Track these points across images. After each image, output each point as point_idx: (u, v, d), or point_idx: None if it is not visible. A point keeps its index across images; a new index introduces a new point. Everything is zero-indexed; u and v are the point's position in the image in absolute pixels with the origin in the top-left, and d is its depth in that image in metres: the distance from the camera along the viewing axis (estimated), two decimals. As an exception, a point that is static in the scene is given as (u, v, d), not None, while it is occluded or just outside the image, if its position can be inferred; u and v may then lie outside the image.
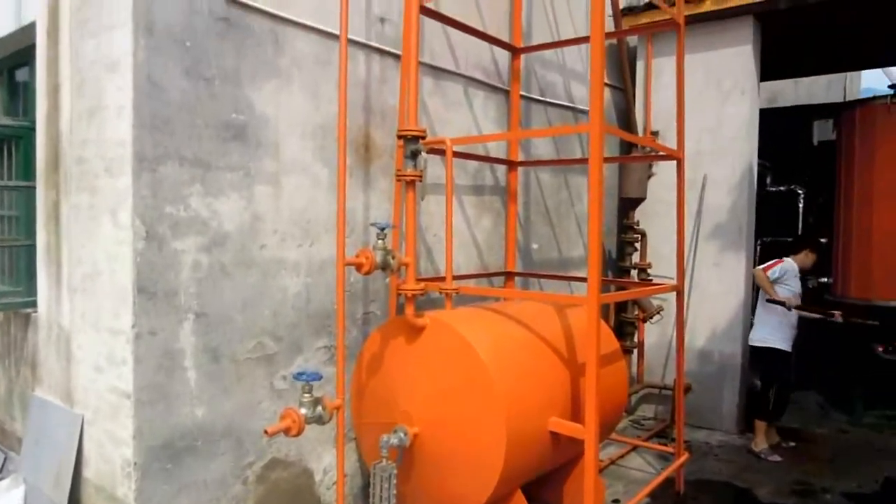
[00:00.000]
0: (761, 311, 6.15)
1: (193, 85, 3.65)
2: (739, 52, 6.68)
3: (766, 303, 6.02)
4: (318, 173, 4.31)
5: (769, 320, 6.07)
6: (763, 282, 5.96)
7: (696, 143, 6.71)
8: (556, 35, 6.49)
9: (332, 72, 4.27)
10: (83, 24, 3.80)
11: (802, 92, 12.91)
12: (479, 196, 5.64)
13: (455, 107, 5.34)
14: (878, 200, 6.99)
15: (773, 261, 6.15)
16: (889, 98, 7.01)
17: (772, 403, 6.10)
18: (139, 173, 3.45)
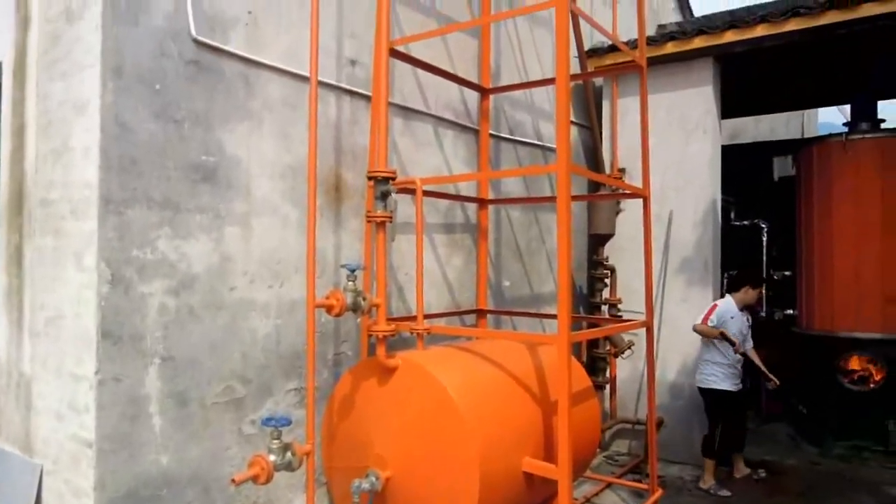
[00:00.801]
0: (703, 351, 6.18)
1: (163, 127, 3.64)
2: (701, 93, 6.90)
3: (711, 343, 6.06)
4: (289, 214, 4.30)
5: (711, 360, 6.09)
6: (707, 333, 6.01)
7: (661, 179, 6.87)
8: (524, 75, 6.64)
9: (302, 113, 4.30)
10: (51, 65, 3.79)
11: (763, 128, 13.35)
12: (450, 234, 5.67)
13: (425, 146, 5.40)
14: (838, 234, 7.20)
15: (709, 307, 6.17)
16: (844, 136, 7.29)
17: (717, 443, 6.12)
18: (105, 216, 3.41)
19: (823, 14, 6.07)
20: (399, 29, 5.10)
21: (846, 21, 6.00)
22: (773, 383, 6.12)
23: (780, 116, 13.30)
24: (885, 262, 6.92)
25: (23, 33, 4.03)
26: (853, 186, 7.08)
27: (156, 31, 3.61)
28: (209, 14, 3.87)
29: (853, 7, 5.91)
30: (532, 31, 6.79)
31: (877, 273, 6.95)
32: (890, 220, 6.89)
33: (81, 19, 3.52)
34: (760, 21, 6.35)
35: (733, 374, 6.06)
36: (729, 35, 6.53)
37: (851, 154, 7.12)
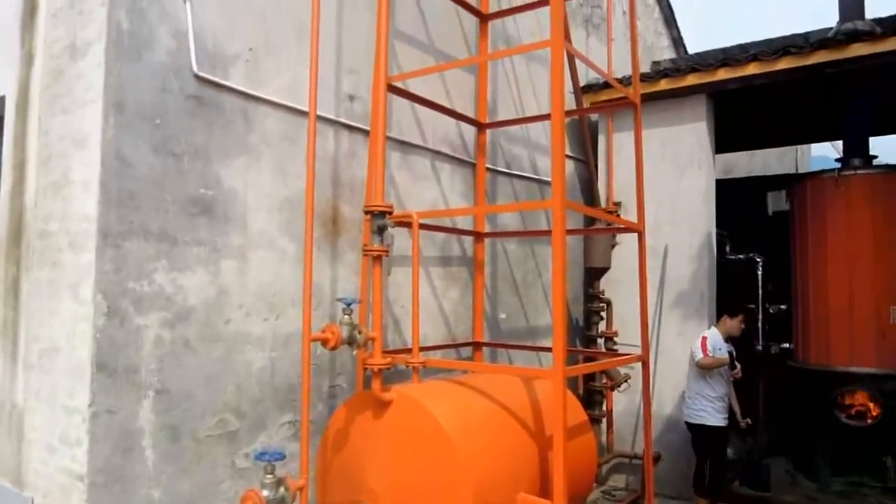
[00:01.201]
0: (692, 384, 6.12)
1: (162, 161, 3.69)
2: (694, 129, 7.00)
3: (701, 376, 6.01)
4: (286, 247, 4.33)
5: (701, 394, 6.02)
6: (717, 363, 5.96)
7: (656, 213, 6.92)
8: (520, 110, 6.74)
9: (301, 147, 4.36)
10: (53, 100, 3.85)
11: (757, 162, 13.49)
12: (446, 267, 5.70)
13: (422, 180, 5.46)
14: (831, 269, 7.23)
15: (701, 339, 6.10)
16: (836, 171, 7.36)
17: (707, 479, 6.07)
18: (103, 249, 3.43)
19: (813, 53, 6.19)
20: (397, 65, 5.20)
21: (835, 60, 6.13)
22: (745, 423, 6.11)
23: (773, 151, 13.46)
24: (878, 297, 6.93)
25: (26, 69, 4.10)
26: (846, 221, 7.13)
27: (158, 67, 3.68)
28: (211, 51, 3.95)
29: (842, 47, 6.04)
30: (528, 67, 6.91)
31: (871, 308, 6.96)
32: (882, 254, 6.92)
33: (85, 56, 3.59)
34: (752, 59, 6.47)
35: (722, 409, 6.02)
36: (721, 73, 6.65)
37: (844, 189, 7.18)
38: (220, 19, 4.00)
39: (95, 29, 3.53)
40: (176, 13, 3.76)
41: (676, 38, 10.86)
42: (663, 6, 10.40)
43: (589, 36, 8.04)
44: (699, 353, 6.01)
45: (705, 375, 5.97)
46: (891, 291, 6.90)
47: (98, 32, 3.52)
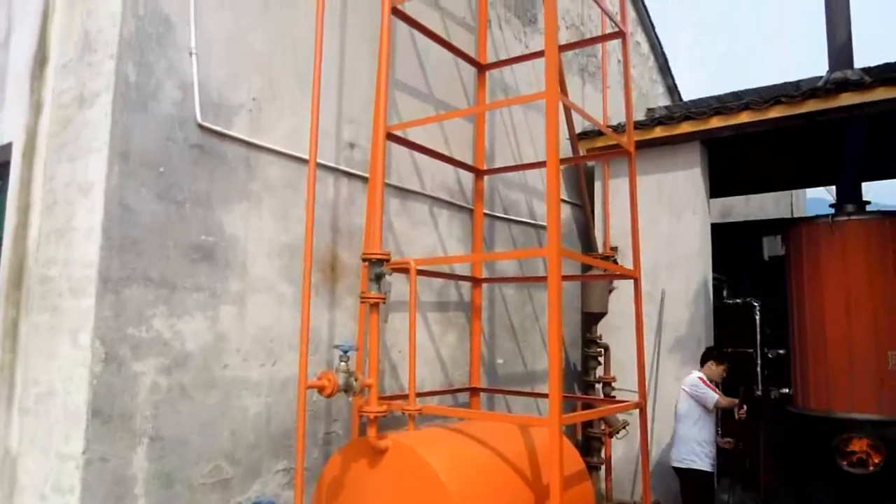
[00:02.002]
0: (680, 428, 6.00)
1: (165, 208, 3.76)
2: (689, 175, 7.11)
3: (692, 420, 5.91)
4: (284, 292, 4.37)
5: (688, 438, 5.91)
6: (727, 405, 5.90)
7: (653, 258, 6.98)
8: (517, 156, 6.85)
9: (301, 194, 4.43)
10: (59, 148, 3.93)
11: (753, 206, 13.62)
12: (443, 312, 5.72)
13: (420, 225, 5.52)
14: (829, 314, 7.24)
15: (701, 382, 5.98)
16: (830, 217, 7.44)
17: None
18: (103, 294, 3.47)
19: (804, 102, 6.34)
20: (397, 113, 5.32)
21: (826, 109, 6.27)
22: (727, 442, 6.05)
23: (769, 194, 13.59)
24: (877, 343, 6.92)
25: (35, 117, 4.20)
26: (842, 267, 7.17)
27: (163, 117, 3.78)
28: (215, 101, 4.06)
29: (832, 96, 6.18)
30: (526, 115, 7.05)
31: (869, 353, 6.94)
32: (879, 300, 6.95)
33: (93, 106, 3.68)
34: (744, 108, 6.62)
35: (710, 454, 5.94)
36: (715, 121, 6.79)
37: (838, 235, 7.24)
38: (225, 71, 4.12)
39: (104, 81, 3.63)
40: (182, 66, 3.88)
41: (671, 85, 11.10)
42: (658, 55, 10.66)
43: (585, 84, 8.22)
44: (709, 395, 5.88)
45: (696, 420, 5.88)
46: (889, 337, 6.89)
47: (106, 84, 3.62)
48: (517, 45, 6.96)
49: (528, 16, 7.23)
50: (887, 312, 6.94)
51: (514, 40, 6.93)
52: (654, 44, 10.51)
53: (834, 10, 7.49)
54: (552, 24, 4.09)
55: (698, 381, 6.00)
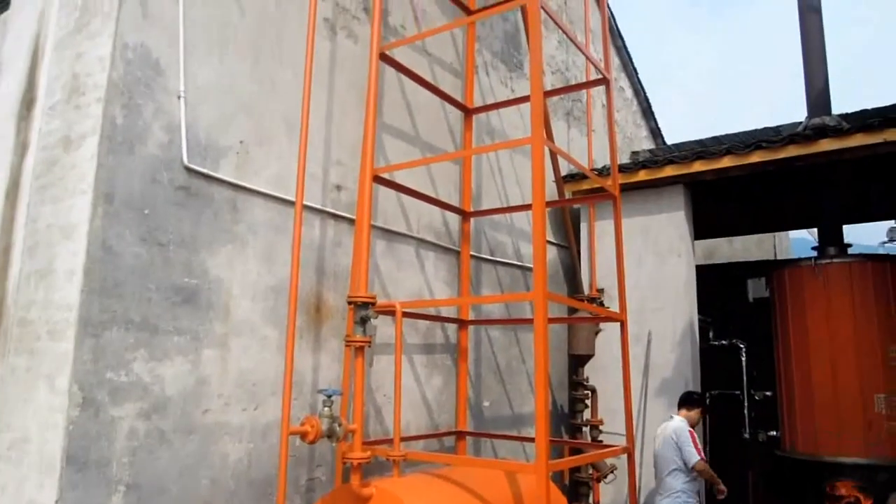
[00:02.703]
0: (666, 478, 5.69)
1: (148, 250, 3.73)
2: (673, 218, 7.19)
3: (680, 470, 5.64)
4: (268, 335, 4.32)
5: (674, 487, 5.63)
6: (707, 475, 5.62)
7: (639, 301, 7.00)
8: (504, 198, 6.90)
9: (287, 236, 4.42)
10: (44, 189, 3.91)
11: (737, 247, 13.75)
12: (429, 354, 5.67)
13: (407, 267, 5.51)
14: (814, 356, 7.26)
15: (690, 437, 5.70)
16: (813, 260, 7.53)
17: None
18: (83, 338, 3.41)
19: (784, 148, 6.46)
20: (384, 156, 5.36)
21: (805, 155, 6.39)
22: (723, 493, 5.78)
23: (752, 236, 13.75)
24: (863, 386, 6.94)
25: (20, 157, 4.19)
26: (826, 310, 7.22)
27: (149, 159, 3.78)
28: (203, 143, 4.07)
29: (811, 143, 6.32)
30: (512, 157, 7.13)
31: (856, 396, 6.95)
32: (864, 342, 6.98)
33: (79, 148, 3.68)
34: (726, 153, 6.74)
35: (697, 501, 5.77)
36: (697, 165, 6.90)
37: (822, 278, 7.31)
38: (213, 114, 4.14)
39: (91, 123, 3.64)
40: (170, 108, 3.90)
41: (654, 128, 11.30)
42: (641, 100, 10.88)
43: (570, 128, 8.35)
44: (693, 455, 5.60)
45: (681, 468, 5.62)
46: (875, 380, 6.91)
47: (93, 126, 3.62)
48: (503, 89, 7.08)
49: (514, 61, 7.37)
50: (872, 355, 6.97)
51: (500, 85, 7.05)
52: (638, 89, 10.74)
53: (811, 57, 7.71)
54: (538, 71, 4.16)
55: (687, 434, 5.72)
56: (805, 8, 7.80)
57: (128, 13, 3.73)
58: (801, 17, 7.80)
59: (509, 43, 7.33)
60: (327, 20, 5.04)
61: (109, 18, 3.71)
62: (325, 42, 4.97)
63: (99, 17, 3.79)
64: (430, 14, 6.12)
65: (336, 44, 5.09)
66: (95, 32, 3.79)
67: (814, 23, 7.78)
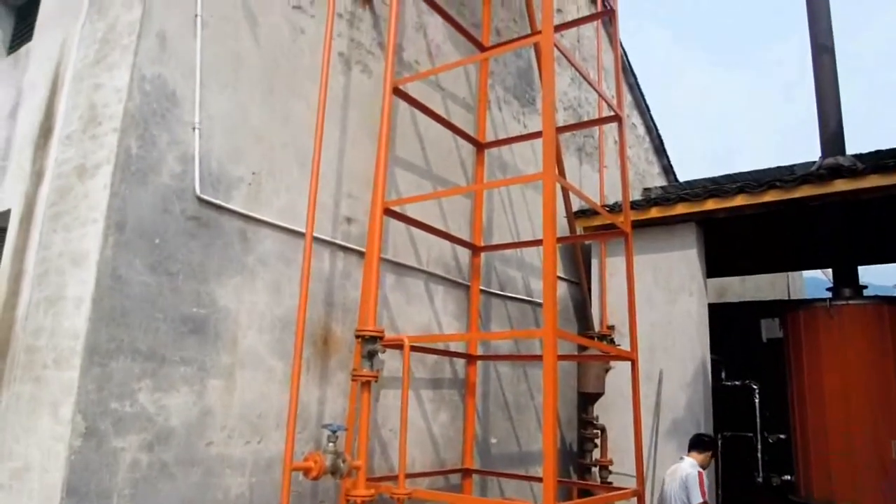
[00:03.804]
0: None
1: (157, 279, 3.72)
2: (685, 256, 7.13)
3: None
4: (274, 366, 4.28)
5: None
6: None
7: (650, 339, 6.91)
8: (515, 233, 6.89)
9: (296, 268, 4.41)
10: (56, 217, 3.93)
11: (750, 286, 13.61)
12: (437, 389, 5.60)
13: (416, 301, 5.48)
14: (830, 401, 7.10)
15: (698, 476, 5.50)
16: (828, 301, 7.42)
17: None
18: (88, 367, 3.39)
19: (798, 188, 6.42)
20: (395, 189, 5.37)
21: (820, 195, 6.34)
22: None
23: (765, 275, 13.62)
24: (878, 431, 6.77)
25: (35, 186, 4.23)
26: (841, 352, 7.09)
27: (162, 189, 3.80)
28: (216, 173, 4.09)
29: (825, 183, 6.28)
30: (523, 192, 7.13)
31: (871, 441, 6.78)
32: (880, 386, 6.84)
33: (93, 177, 3.71)
34: (739, 191, 6.70)
35: None
36: (710, 203, 6.86)
37: (837, 320, 7.20)
38: (227, 145, 4.17)
39: (106, 153, 3.68)
40: (184, 139, 3.93)
41: (666, 165, 11.30)
42: (653, 137, 10.90)
43: (582, 164, 8.37)
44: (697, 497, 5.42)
45: None
46: (891, 425, 6.75)
47: (108, 156, 3.66)
48: (516, 124, 7.12)
49: (526, 97, 7.42)
50: (888, 400, 6.82)
51: (512, 120, 7.09)
52: (650, 126, 10.77)
53: (824, 97, 7.72)
54: (550, 108, 4.18)
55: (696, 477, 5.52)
56: (818, 50, 7.84)
57: (146, 46, 3.80)
58: (815, 59, 7.83)
59: (522, 79, 7.39)
60: (342, 55, 5.10)
61: (128, 51, 3.77)
62: (339, 76, 5.03)
63: (118, 49, 3.86)
64: (444, 50, 6.19)
65: (350, 78, 5.15)
66: (114, 64, 3.85)
67: (827, 64, 7.81)
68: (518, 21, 7.31)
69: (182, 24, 3.99)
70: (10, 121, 4.91)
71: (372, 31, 5.42)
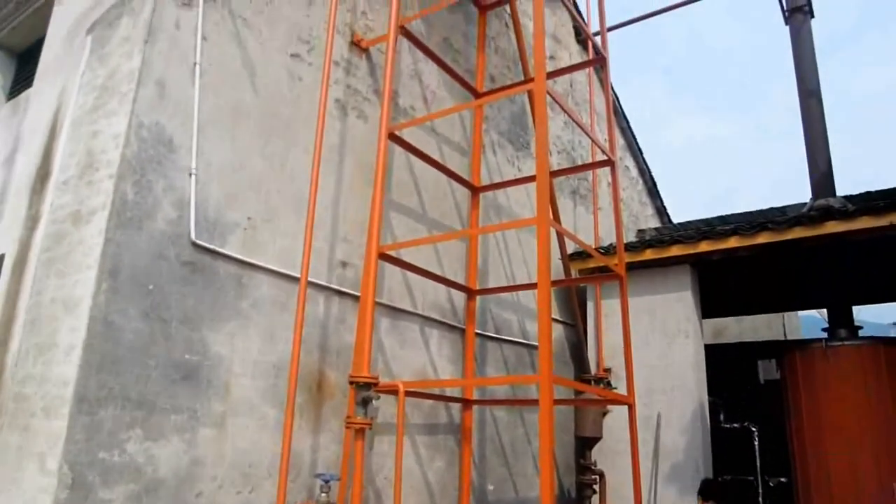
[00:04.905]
0: None
1: (150, 326, 3.69)
2: (680, 298, 7.12)
3: None
4: (267, 413, 4.22)
5: None
6: None
7: (647, 381, 6.85)
8: (510, 276, 6.88)
9: (290, 313, 4.39)
10: (50, 263, 3.92)
11: (746, 325, 13.57)
12: (432, 435, 5.52)
13: (411, 345, 5.44)
14: (830, 444, 7.02)
15: None
16: (824, 342, 7.40)
17: None
18: (77, 416, 3.33)
19: (790, 230, 6.46)
20: (391, 233, 5.39)
21: (812, 237, 6.38)
22: None
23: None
24: (880, 473, 6.68)
25: (29, 231, 4.23)
26: (839, 393, 7.04)
27: (157, 235, 3.80)
28: (212, 219, 4.10)
29: (817, 225, 6.32)
30: (518, 236, 7.16)
31: (874, 484, 6.68)
32: (880, 429, 6.77)
33: (88, 223, 3.71)
34: (733, 233, 6.73)
35: None
36: (704, 245, 6.89)
37: (834, 361, 7.17)
38: (223, 190, 4.19)
39: (102, 199, 3.68)
40: (181, 185, 3.95)
41: (660, 207, 11.39)
42: (646, 179, 11.01)
43: (576, 206, 8.43)
44: None
45: None
46: (893, 468, 6.66)
47: (104, 202, 3.66)
48: (510, 167, 7.19)
49: (520, 140, 7.51)
50: (889, 442, 6.75)
51: (507, 163, 7.16)
52: (643, 168, 10.89)
53: (813, 139, 7.84)
54: (543, 156, 4.23)
55: None
56: (805, 94, 8.00)
57: (145, 94, 3.84)
58: (802, 103, 7.99)
59: (516, 123, 7.49)
60: (338, 101, 5.17)
61: (127, 99, 3.82)
62: (335, 122, 5.09)
63: (117, 97, 3.91)
64: (439, 95, 6.29)
65: (346, 124, 5.21)
66: (112, 112, 3.89)
67: (814, 107, 7.95)
68: (512, 67, 7.45)
69: (181, 72, 4.05)
70: (6, 166, 4.94)
71: (368, 77, 5.51)
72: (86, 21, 4.60)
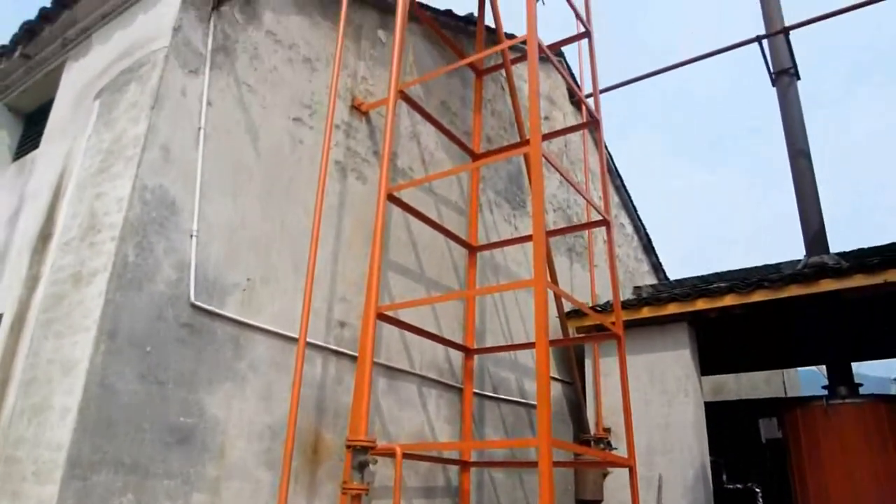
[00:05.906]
0: None
1: (146, 388, 3.67)
2: (678, 356, 7.10)
3: None
4: (262, 478, 4.15)
5: None
6: None
7: (647, 442, 6.76)
8: (507, 335, 6.88)
9: (287, 374, 4.37)
10: (48, 324, 3.92)
11: (745, 382, 13.47)
12: (430, 499, 5.41)
13: (408, 406, 5.39)
14: (835, 502, 6.90)
15: None
16: (825, 400, 7.35)
17: None
18: (69, 481, 3.28)
19: (786, 287, 6.51)
20: (388, 293, 5.41)
21: (807, 294, 6.42)
22: None
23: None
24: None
25: (29, 291, 4.24)
26: (842, 452, 6.96)
27: (157, 296, 3.82)
28: (211, 279, 4.12)
29: (811, 283, 6.37)
30: (515, 295, 7.18)
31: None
32: (884, 486, 6.67)
33: (88, 285, 3.73)
34: (728, 291, 6.77)
35: None
36: (700, 303, 6.92)
37: (835, 419, 7.11)
38: (224, 251, 4.23)
39: (103, 260, 3.72)
40: (182, 247, 3.99)
41: (655, 263, 11.46)
42: (641, 236, 11.12)
43: (573, 263, 8.49)
44: None
45: None
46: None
47: (105, 263, 3.70)
48: (507, 226, 7.28)
49: (517, 200, 7.63)
50: (894, 500, 6.63)
51: (503, 222, 7.25)
52: (638, 225, 11.01)
53: (804, 198, 7.98)
54: (540, 217, 4.30)
55: None
56: (794, 153, 8.18)
57: (150, 157, 3.93)
58: (792, 162, 8.15)
59: (513, 182, 7.62)
60: (338, 163, 5.28)
61: (132, 162, 3.90)
62: (335, 183, 5.18)
63: (122, 160, 3.99)
64: (437, 157, 6.42)
65: (346, 185, 5.31)
66: (117, 175, 3.97)
67: (804, 165, 8.12)
68: (508, 129, 7.63)
69: (186, 136, 4.15)
70: (9, 226, 4.99)
71: (367, 140, 5.64)
72: (95, 86, 4.73)
